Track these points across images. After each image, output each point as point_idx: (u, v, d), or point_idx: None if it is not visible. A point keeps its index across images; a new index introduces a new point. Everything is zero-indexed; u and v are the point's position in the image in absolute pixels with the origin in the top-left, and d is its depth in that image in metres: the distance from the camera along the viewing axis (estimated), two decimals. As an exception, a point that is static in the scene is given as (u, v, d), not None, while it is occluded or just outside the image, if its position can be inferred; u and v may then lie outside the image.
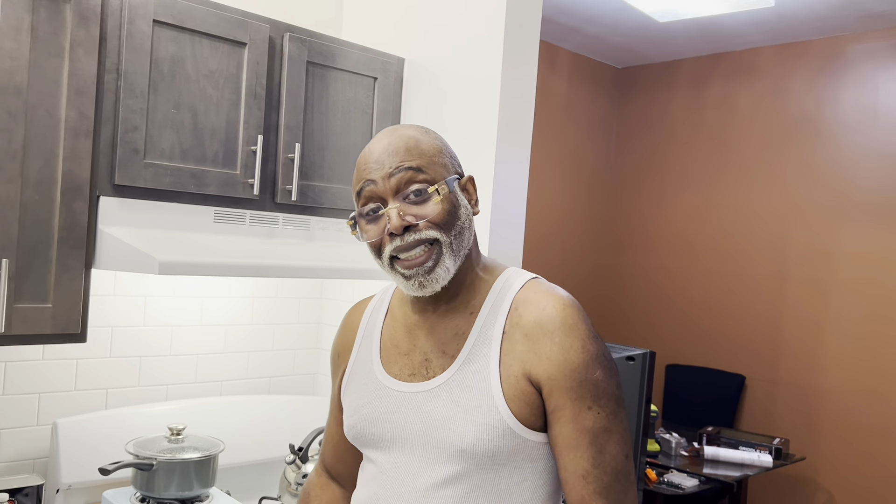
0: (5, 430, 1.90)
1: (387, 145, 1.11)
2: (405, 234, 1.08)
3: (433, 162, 1.12)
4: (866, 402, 3.89)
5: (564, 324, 1.07)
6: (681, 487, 3.16)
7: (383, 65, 2.20)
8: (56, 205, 1.65)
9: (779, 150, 4.28)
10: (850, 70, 4.04)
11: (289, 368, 2.47)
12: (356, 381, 1.22)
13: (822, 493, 4.03)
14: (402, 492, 1.11)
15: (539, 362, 1.07)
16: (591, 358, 1.06)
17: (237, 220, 1.92)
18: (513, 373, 1.08)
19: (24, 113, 1.59)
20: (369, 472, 1.19)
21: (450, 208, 1.10)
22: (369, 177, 1.10)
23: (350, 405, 1.21)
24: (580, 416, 1.06)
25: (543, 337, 1.07)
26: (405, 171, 1.09)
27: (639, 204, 4.90)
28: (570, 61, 4.71)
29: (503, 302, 1.12)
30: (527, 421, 1.08)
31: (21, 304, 1.60)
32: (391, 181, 1.09)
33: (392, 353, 1.19)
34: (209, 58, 1.85)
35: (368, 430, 1.17)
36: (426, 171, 1.10)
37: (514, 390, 1.07)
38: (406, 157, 1.10)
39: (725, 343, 4.45)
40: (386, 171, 1.09)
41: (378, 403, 1.17)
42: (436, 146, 1.14)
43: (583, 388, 1.06)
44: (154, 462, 1.80)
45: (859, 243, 3.96)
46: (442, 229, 1.09)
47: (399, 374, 1.17)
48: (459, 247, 1.11)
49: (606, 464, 1.06)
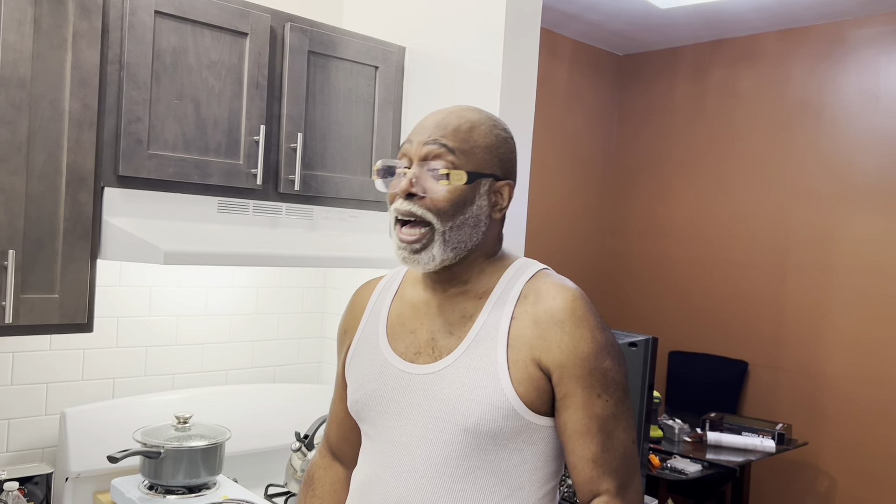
0: (14, 419, 1.92)
1: (442, 118, 1.15)
2: (408, 198, 1.11)
3: (473, 152, 1.13)
4: (869, 386, 3.91)
5: (574, 314, 1.10)
6: (684, 473, 3.18)
7: (384, 54, 2.21)
8: (61, 196, 1.66)
9: (781, 136, 4.28)
10: (851, 55, 4.03)
11: (293, 357, 2.48)
12: (361, 357, 1.23)
13: (825, 477, 4.05)
14: (401, 470, 1.13)
15: (548, 350, 1.09)
16: (600, 347, 1.09)
17: (240, 210, 1.94)
18: (521, 357, 1.10)
19: (28, 105, 1.60)
20: (368, 449, 1.21)
21: (456, 199, 1.11)
22: (410, 137, 1.15)
23: (355, 380, 1.23)
24: (590, 403, 1.09)
25: (553, 326, 1.10)
26: (439, 146, 1.12)
27: (640, 191, 4.91)
28: (571, 49, 4.70)
29: (513, 289, 1.15)
30: (532, 404, 1.10)
31: (28, 294, 1.62)
32: (423, 149, 1.12)
33: (398, 331, 1.21)
34: (211, 48, 1.86)
35: (372, 407, 1.19)
36: (458, 156, 1.12)
37: (521, 374, 1.09)
38: (447, 135, 1.12)
39: (728, 329, 4.46)
40: (424, 138, 1.13)
41: (383, 381, 1.18)
42: (489, 141, 1.15)
43: (592, 376, 1.09)
44: (162, 450, 1.82)
45: (861, 228, 3.96)
46: (439, 216, 1.11)
47: (405, 352, 1.18)
48: (456, 239, 1.12)
49: (615, 448, 1.09)
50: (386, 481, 1.14)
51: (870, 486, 3.89)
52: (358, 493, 1.20)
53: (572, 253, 4.82)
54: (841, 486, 4.00)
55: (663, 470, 3.18)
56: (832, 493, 4.03)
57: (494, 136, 1.16)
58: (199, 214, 1.87)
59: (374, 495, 1.15)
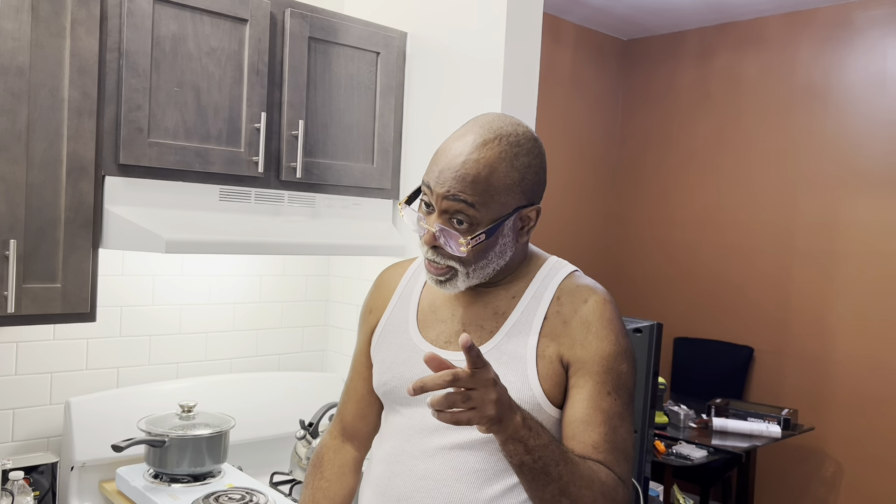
0: (19, 409, 1.92)
1: (461, 164, 1.11)
2: (432, 249, 1.15)
3: (493, 201, 1.11)
4: (874, 371, 3.89)
5: (603, 317, 1.16)
6: (689, 458, 3.18)
7: (385, 39, 2.19)
8: (62, 185, 1.65)
9: (786, 120, 4.25)
10: (857, 38, 3.99)
11: (297, 346, 2.48)
12: (390, 339, 1.27)
13: (831, 462, 4.04)
14: (428, 447, 1.17)
15: (572, 346, 1.15)
16: (621, 351, 1.15)
17: (242, 198, 1.93)
18: (548, 354, 1.15)
19: (27, 93, 1.59)
20: (396, 425, 1.24)
21: (478, 251, 1.14)
22: (430, 181, 1.13)
23: (383, 362, 1.26)
24: (599, 397, 1.13)
25: (582, 326, 1.16)
26: (459, 202, 1.11)
27: (645, 177, 4.88)
28: (575, 34, 4.66)
29: (546, 290, 1.20)
30: (554, 399, 1.16)
31: (30, 284, 1.62)
32: (443, 203, 1.12)
33: (430, 319, 1.25)
34: (211, 35, 1.85)
35: (401, 389, 1.22)
36: (479, 210, 1.11)
37: (547, 370, 1.15)
38: (467, 189, 1.10)
39: (733, 315, 4.45)
40: (443, 190, 1.11)
41: (413, 365, 1.21)
42: (511, 181, 1.12)
43: (608, 374, 1.14)
44: (166, 438, 1.83)
45: (867, 213, 3.94)
46: (463, 263, 1.15)
47: (435, 339, 1.22)
48: (481, 273, 1.17)
49: (616, 443, 1.13)
50: (413, 456, 1.18)
51: (876, 472, 3.88)
52: (384, 465, 1.23)
53: (577, 239, 4.81)
54: (847, 472, 3.99)
55: (669, 456, 3.18)
56: (838, 479, 4.02)
57: (517, 169, 1.13)
58: (200, 203, 1.86)
59: (402, 468, 1.19)
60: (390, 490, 1.19)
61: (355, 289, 2.46)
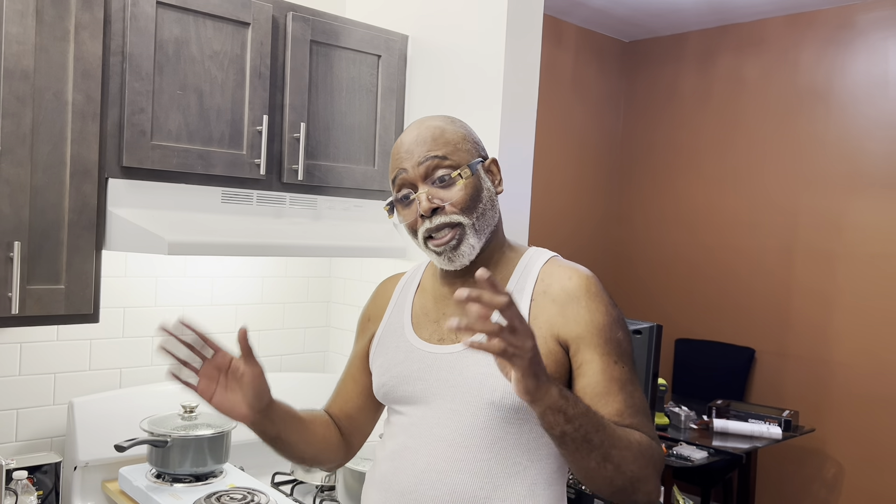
0: (23, 409, 1.94)
1: (416, 136, 1.24)
2: (433, 215, 1.20)
3: (457, 149, 1.23)
4: (876, 373, 3.90)
5: (589, 291, 1.20)
6: (690, 460, 3.19)
7: (387, 42, 2.20)
8: (66, 187, 1.67)
9: (788, 122, 4.25)
10: (859, 39, 4.00)
11: (299, 347, 2.50)
12: (387, 344, 1.32)
13: (832, 464, 4.05)
14: (430, 440, 1.20)
15: (566, 324, 1.18)
16: (613, 320, 1.20)
17: (244, 200, 1.94)
18: (541, 334, 1.18)
19: (31, 97, 1.61)
20: (398, 423, 1.27)
21: (472, 192, 1.22)
22: (401, 165, 1.23)
23: (381, 365, 1.30)
24: (609, 368, 1.17)
25: (570, 302, 1.19)
26: (432, 159, 1.21)
27: (646, 179, 4.89)
28: (576, 36, 4.67)
29: (529, 275, 1.25)
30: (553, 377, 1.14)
31: (34, 285, 1.63)
32: (420, 168, 1.21)
33: (423, 321, 1.30)
34: (213, 38, 1.86)
35: (400, 388, 1.26)
36: (451, 158, 1.22)
37: (542, 349, 1.15)
38: (433, 147, 1.22)
39: (734, 316, 4.45)
40: (415, 159, 1.22)
41: (410, 363, 1.26)
42: (460, 134, 1.25)
43: (609, 344, 1.18)
44: (169, 439, 1.84)
45: (869, 214, 3.94)
46: (465, 212, 1.21)
47: (429, 338, 1.27)
48: (483, 226, 1.23)
49: (636, 405, 1.17)
50: (416, 450, 1.21)
51: (877, 473, 3.89)
52: (388, 461, 1.25)
53: (578, 241, 4.82)
54: (848, 473, 4.00)
55: (669, 457, 3.19)
56: (839, 480, 4.03)
57: (458, 129, 1.26)
58: (203, 205, 1.87)
59: (405, 462, 1.22)
60: (394, 485, 1.22)
61: (357, 290, 2.47)
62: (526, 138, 2.12)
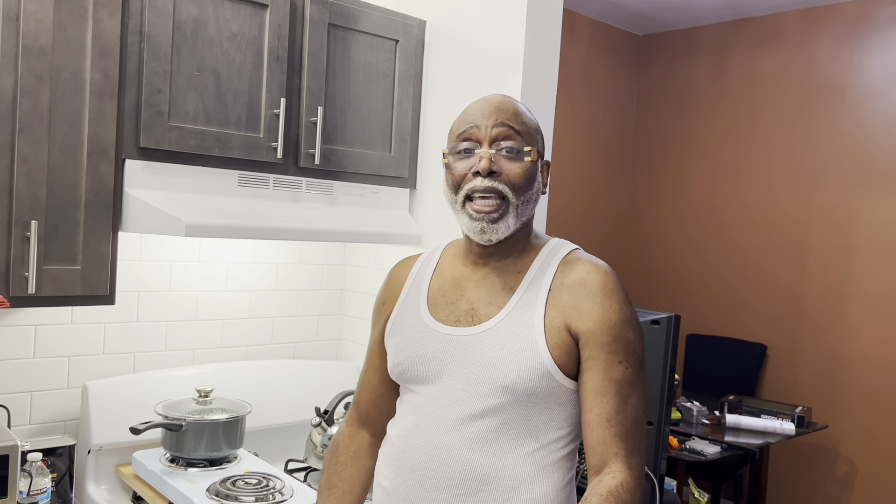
0: (37, 392, 1.93)
1: (498, 103, 1.25)
2: (488, 177, 1.20)
3: (530, 133, 1.25)
4: (890, 370, 3.86)
5: (605, 287, 1.21)
6: (703, 454, 3.16)
7: (404, 27, 2.18)
8: (83, 167, 1.66)
9: (803, 118, 4.22)
10: (877, 34, 3.95)
11: (312, 334, 2.48)
12: (402, 324, 1.31)
13: (844, 461, 4.02)
14: (442, 419, 1.21)
15: (579, 317, 1.19)
16: (625, 319, 1.20)
17: (261, 184, 1.93)
18: (555, 324, 1.20)
19: (49, 75, 1.60)
20: (411, 402, 1.28)
21: (529, 176, 1.23)
22: (475, 122, 1.24)
23: (396, 345, 1.30)
24: (611, 367, 1.18)
25: (586, 297, 1.20)
26: (508, 128, 1.22)
27: (660, 173, 4.86)
28: (590, 29, 4.64)
29: (550, 265, 1.26)
30: (563, 367, 1.19)
31: (50, 265, 1.62)
32: (493, 131, 1.22)
33: (439, 302, 1.30)
34: (231, 20, 1.84)
35: (415, 368, 1.26)
36: (523, 138, 1.23)
37: (555, 339, 1.19)
38: (512, 118, 1.24)
39: (747, 312, 4.42)
40: (492, 121, 1.23)
41: (425, 344, 1.26)
42: (535, 125, 1.28)
43: (616, 343, 1.18)
44: (184, 423, 1.83)
45: (884, 211, 3.90)
46: (515, 191, 1.22)
47: (445, 319, 1.27)
48: (523, 212, 1.25)
49: (628, 413, 1.18)
50: (427, 428, 1.22)
51: (890, 471, 3.85)
52: (399, 439, 1.26)
53: (590, 235, 4.79)
54: (860, 471, 3.96)
55: (682, 451, 3.17)
56: (851, 478, 3.99)
57: (535, 120, 1.28)
58: (219, 188, 1.86)
59: (416, 440, 1.23)
60: (404, 462, 1.23)
61: (370, 278, 2.46)
62: (544, 126, 2.09)
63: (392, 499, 1.24)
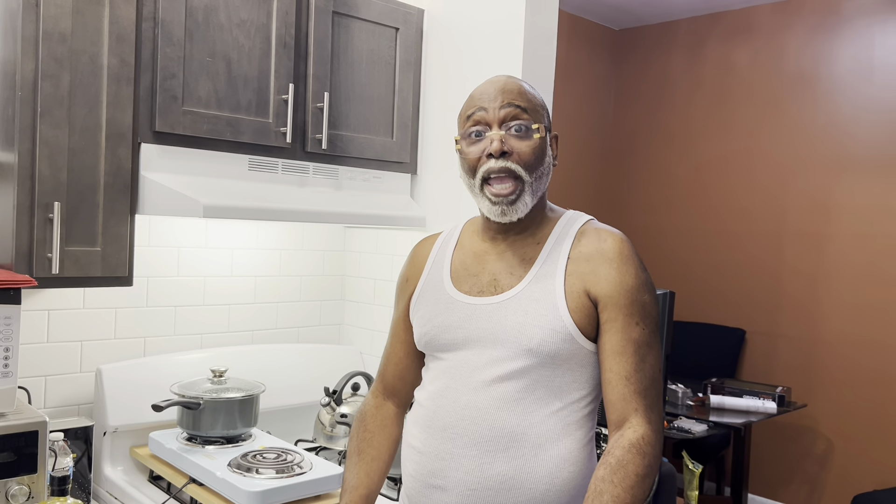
0: (51, 376, 1.95)
1: (503, 84, 1.30)
2: (500, 158, 1.26)
3: (536, 109, 1.31)
4: (865, 351, 4.01)
5: (622, 253, 1.27)
6: (690, 432, 3.26)
7: (404, 15, 2.24)
8: (101, 150, 1.69)
9: (777, 108, 4.35)
10: (846, 26, 4.10)
11: (315, 319, 2.52)
12: (427, 297, 1.37)
13: (822, 440, 4.15)
14: (470, 381, 1.27)
15: (598, 282, 1.26)
16: (642, 283, 1.27)
17: (270, 168, 1.97)
18: (575, 289, 1.26)
19: (68, 59, 1.63)
20: (439, 367, 1.33)
21: (539, 152, 1.29)
22: (482, 105, 1.29)
23: (422, 317, 1.36)
24: (629, 328, 1.24)
25: (603, 262, 1.27)
26: (515, 108, 1.28)
27: (637, 164, 4.97)
28: (567, 23, 4.74)
29: (567, 235, 1.33)
30: (584, 330, 1.26)
31: (72, 247, 1.65)
32: (501, 112, 1.27)
33: (462, 275, 1.36)
34: (240, 7, 1.89)
35: (441, 337, 1.32)
36: (530, 115, 1.29)
37: (575, 303, 1.25)
38: (517, 98, 1.29)
39: (725, 298, 4.55)
40: (498, 103, 1.28)
41: (450, 314, 1.32)
42: (540, 101, 1.33)
43: (633, 306, 1.25)
44: (201, 401, 1.86)
45: (857, 197, 4.05)
46: (527, 169, 1.28)
47: (469, 290, 1.33)
48: (538, 188, 1.31)
49: (646, 371, 1.24)
50: (456, 390, 1.28)
51: (866, 449, 4.00)
52: (430, 401, 1.32)
53: (571, 226, 4.87)
54: (837, 449, 4.10)
55: (670, 430, 3.26)
56: (829, 456, 4.13)
57: (539, 96, 1.34)
58: (231, 172, 1.90)
59: (446, 401, 1.29)
60: (435, 422, 1.29)
61: (370, 263, 2.51)
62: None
63: (424, 457, 1.30)
